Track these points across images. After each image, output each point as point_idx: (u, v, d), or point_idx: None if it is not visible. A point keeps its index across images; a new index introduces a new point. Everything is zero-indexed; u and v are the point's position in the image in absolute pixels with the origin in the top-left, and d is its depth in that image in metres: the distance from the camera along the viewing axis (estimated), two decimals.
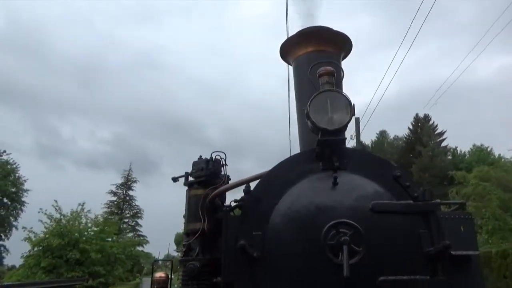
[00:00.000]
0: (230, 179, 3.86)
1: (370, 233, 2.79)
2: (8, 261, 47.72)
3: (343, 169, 3.14)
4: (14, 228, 44.62)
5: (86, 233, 23.34)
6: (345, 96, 3.13)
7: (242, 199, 3.60)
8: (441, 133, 50.23)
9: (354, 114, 3.10)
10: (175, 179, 3.93)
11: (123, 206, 42.50)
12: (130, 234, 41.66)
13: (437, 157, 46.17)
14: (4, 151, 42.24)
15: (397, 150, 52.60)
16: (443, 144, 49.93)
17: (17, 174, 43.29)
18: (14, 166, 42.27)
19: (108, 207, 42.13)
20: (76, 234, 22.02)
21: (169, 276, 3.79)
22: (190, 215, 3.65)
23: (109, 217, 39.16)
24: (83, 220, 23.77)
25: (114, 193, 43.64)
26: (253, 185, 3.43)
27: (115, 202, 42.54)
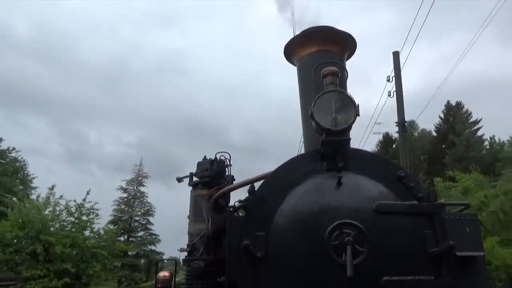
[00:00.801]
0: (234, 180, 3.87)
1: (374, 234, 2.79)
2: None
3: (347, 170, 3.14)
4: None
5: (54, 223, 19.88)
6: (349, 96, 3.12)
7: (246, 199, 3.61)
8: (476, 121, 46.04)
9: (358, 115, 3.10)
10: (179, 179, 3.95)
11: (133, 203, 39.38)
12: (141, 233, 39.34)
13: (472, 147, 42.45)
14: (13, 149, 41.02)
15: (428, 142, 49.22)
16: (478, 133, 45.44)
17: (25, 172, 41.98)
18: (22, 163, 41.10)
19: (118, 204, 39.42)
20: (39, 225, 18.57)
21: (173, 276, 3.81)
22: (195, 215, 3.67)
23: (119, 214, 37.80)
24: (52, 209, 20.31)
25: (124, 190, 40.16)
26: (257, 185, 3.44)
27: (125, 199, 39.42)
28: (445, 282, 2.85)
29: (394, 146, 49.92)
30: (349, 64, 4.40)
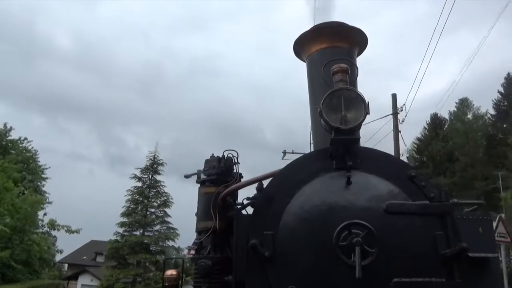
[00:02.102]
0: (242, 177, 3.85)
1: (384, 234, 2.74)
2: None
3: (356, 169, 3.09)
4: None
5: None
6: (359, 94, 3.06)
7: (254, 196, 3.58)
8: None
9: (368, 113, 3.03)
10: (187, 176, 3.94)
11: (149, 193, 34.18)
12: (157, 227, 33.80)
13: None
14: (25, 139, 39.81)
15: (483, 126, 46.63)
16: None
17: (38, 162, 40.18)
18: (32, 153, 39.44)
19: (131, 194, 33.85)
20: None
21: (181, 274, 3.81)
22: (202, 213, 3.65)
23: (132, 206, 33.05)
24: None
25: (139, 178, 34.47)
26: (265, 183, 3.41)
27: (139, 189, 33.91)
28: (456, 285, 2.79)
29: (445, 128, 47.90)
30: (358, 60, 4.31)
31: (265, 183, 3.40)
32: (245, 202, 3.46)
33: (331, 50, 3.98)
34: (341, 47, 4.02)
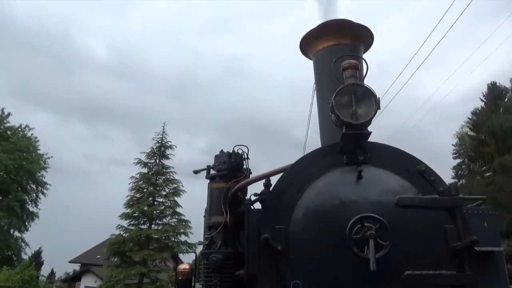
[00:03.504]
0: (251, 173, 3.87)
1: (396, 228, 2.77)
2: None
3: (367, 163, 3.13)
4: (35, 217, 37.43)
5: None
6: (370, 89, 3.10)
7: (262, 193, 3.61)
8: None
9: (379, 108, 3.07)
10: (196, 172, 3.96)
11: (156, 180, 28.56)
12: (167, 219, 28.13)
13: None
14: (27, 126, 37.20)
15: None
16: None
17: (39, 151, 37.54)
18: (32, 141, 36.73)
19: (136, 182, 28.34)
20: None
21: (193, 268, 3.83)
22: (212, 208, 3.67)
23: (137, 195, 27.84)
24: None
25: (145, 164, 28.86)
26: (274, 178, 3.43)
27: (145, 175, 28.47)
28: (466, 277, 2.83)
29: (506, 99, 40.03)
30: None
31: (274, 179, 3.44)
32: (253, 198, 3.49)
33: (338, 47, 4.02)
34: (347, 44, 4.06)
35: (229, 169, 3.70)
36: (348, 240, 2.74)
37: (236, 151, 3.83)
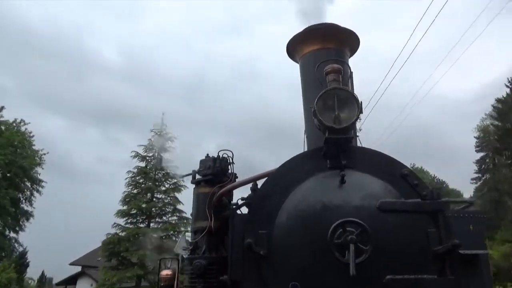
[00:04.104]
0: (237, 177, 3.86)
1: (377, 232, 2.77)
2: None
3: (350, 168, 3.13)
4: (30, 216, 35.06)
5: None
6: (352, 93, 3.10)
7: (249, 197, 3.60)
8: None
9: (362, 112, 3.08)
10: (181, 177, 3.95)
11: (155, 175, 26.75)
12: (166, 217, 26.57)
13: None
14: (22, 121, 34.96)
15: None
16: None
17: (34, 147, 35.17)
18: (26, 136, 34.59)
19: (133, 177, 26.42)
20: None
21: (176, 274, 3.81)
22: (197, 213, 3.67)
23: (133, 191, 26.10)
24: None
25: (142, 157, 26.91)
26: (260, 183, 3.42)
27: (143, 169, 26.56)
28: (448, 281, 2.83)
29: None
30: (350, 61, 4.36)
31: (260, 183, 3.42)
32: (240, 202, 3.48)
33: (323, 51, 4.02)
34: (333, 48, 4.06)
35: (214, 174, 3.70)
36: (330, 245, 2.74)
37: (221, 156, 3.82)
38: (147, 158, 27.21)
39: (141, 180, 26.78)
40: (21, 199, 35.66)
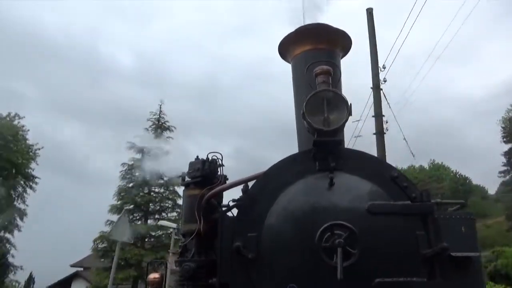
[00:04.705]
0: (227, 179, 3.83)
1: (366, 235, 2.75)
2: (15, 260, 32.63)
3: (339, 170, 3.10)
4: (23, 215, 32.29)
5: None
6: (341, 95, 3.08)
7: (239, 199, 3.57)
8: None
9: (351, 114, 3.05)
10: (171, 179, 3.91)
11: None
12: (165, 213, 24.99)
13: None
14: (16, 115, 33.04)
15: None
16: None
17: (27, 142, 33.08)
18: (19, 129, 32.60)
19: (129, 170, 24.73)
20: None
21: (164, 277, 3.78)
22: (186, 216, 3.64)
23: (128, 185, 24.22)
24: None
25: (139, 149, 24.43)
26: (250, 185, 3.39)
27: (140, 161, 24.07)
28: (437, 284, 2.81)
29: None
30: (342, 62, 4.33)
31: (251, 184, 3.39)
32: (231, 204, 3.45)
33: (314, 52, 3.99)
34: (324, 49, 4.03)
35: (203, 176, 3.67)
36: (318, 248, 2.72)
37: (210, 158, 3.79)
38: (144, 149, 23.81)
39: (137, 173, 24.93)
40: (13, 196, 33.13)
